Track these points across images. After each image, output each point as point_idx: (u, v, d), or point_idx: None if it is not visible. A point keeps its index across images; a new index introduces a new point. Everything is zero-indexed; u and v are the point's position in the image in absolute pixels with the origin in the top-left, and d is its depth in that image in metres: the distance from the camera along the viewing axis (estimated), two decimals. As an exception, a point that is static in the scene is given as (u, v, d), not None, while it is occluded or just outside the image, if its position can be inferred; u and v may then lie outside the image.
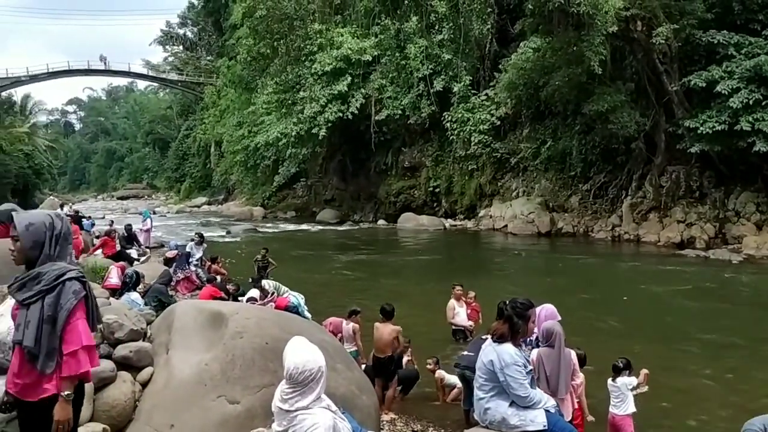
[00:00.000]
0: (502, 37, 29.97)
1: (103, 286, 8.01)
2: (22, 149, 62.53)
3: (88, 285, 3.07)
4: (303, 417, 3.09)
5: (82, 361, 2.92)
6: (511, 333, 4.21)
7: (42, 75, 62.40)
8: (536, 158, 27.87)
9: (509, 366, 4.06)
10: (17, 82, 61.26)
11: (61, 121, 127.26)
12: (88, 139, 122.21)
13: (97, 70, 67.73)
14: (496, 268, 18.29)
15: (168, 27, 75.68)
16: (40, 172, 68.22)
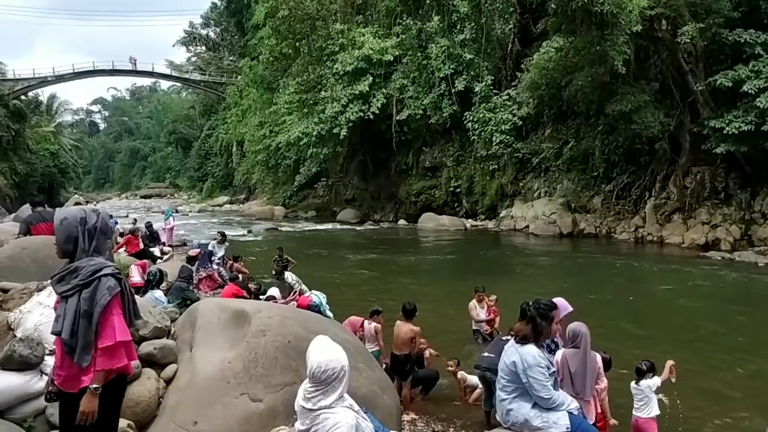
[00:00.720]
0: (524, 37, 29.79)
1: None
2: (48, 148, 63.52)
3: (123, 281, 3.12)
4: (326, 416, 3.09)
5: (116, 356, 2.98)
6: (534, 334, 4.18)
7: (68, 75, 63.21)
8: (558, 158, 27.67)
9: (532, 367, 4.04)
10: (44, 82, 62.08)
11: (86, 120, 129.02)
12: (112, 139, 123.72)
13: (122, 70, 68.49)
14: (517, 269, 18.18)
15: (191, 27, 76.48)
16: (65, 171, 69.19)
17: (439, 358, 7.95)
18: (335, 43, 32.89)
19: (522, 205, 28.60)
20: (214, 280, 13.10)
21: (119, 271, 3.13)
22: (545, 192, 28.35)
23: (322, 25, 32.51)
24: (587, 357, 4.98)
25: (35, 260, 7.16)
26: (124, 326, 3.03)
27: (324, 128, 32.31)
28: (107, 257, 3.19)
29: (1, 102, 50.71)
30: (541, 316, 4.18)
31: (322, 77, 33.50)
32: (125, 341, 3.02)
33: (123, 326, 3.02)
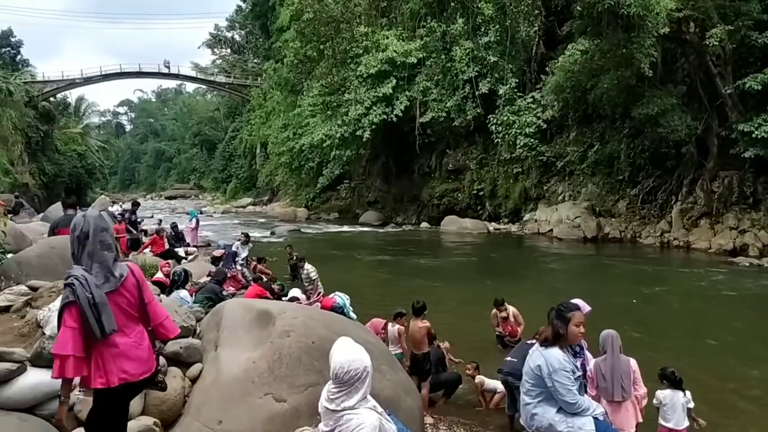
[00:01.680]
0: (549, 40, 29.61)
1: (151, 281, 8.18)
2: (75, 149, 64.55)
3: (80, 291, 3.07)
4: (349, 417, 3.09)
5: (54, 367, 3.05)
6: (553, 336, 4.16)
7: (95, 77, 64.14)
8: (583, 162, 27.44)
9: (557, 371, 4.00)
10: (72, 84, 63.07)
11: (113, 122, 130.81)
12: (138, 140, 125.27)
13: (148, 72, 69.34)
14: (540, 273, 18.04)
15: (216, 30, 77.24)
16: (92, 172, 70.22)
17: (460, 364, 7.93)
18: (359, 45, 32.98)
19: (546, 209, 28.40)
20: (237, 280, 13.19)
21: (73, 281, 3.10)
22: (569, 196, 28.12)
23: (347, 27, 32.61)
24: (615, 361, 4.94)
25: (63, 259, 7.24)
26: (63, 339, 3.04)
27: (347, 130, 32.40)
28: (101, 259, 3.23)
29: (31, 104, 51.63)
30: (558, 317, 4.14)
31: (346, 80, 33.60)
32: (59, 354, 3.01)
33: (62, 339, 3.04)
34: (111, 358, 3.15)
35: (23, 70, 58.95)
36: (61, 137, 61.89)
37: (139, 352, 3.28)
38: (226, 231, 29.65)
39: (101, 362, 3.14)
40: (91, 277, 3.14)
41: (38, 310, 5.74)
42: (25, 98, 49.71)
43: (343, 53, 33.34)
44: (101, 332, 3.09)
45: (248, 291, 10.08)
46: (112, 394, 3.17)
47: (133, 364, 3.22)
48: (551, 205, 28.45)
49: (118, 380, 3.15)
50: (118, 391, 3.18)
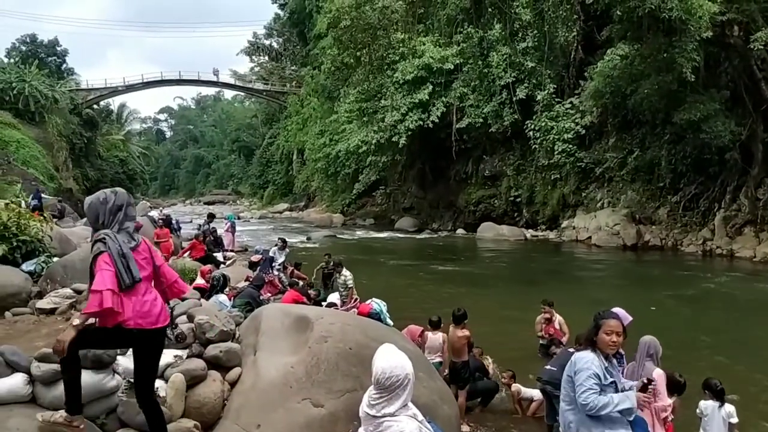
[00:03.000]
0: (587, 44, 29.27)
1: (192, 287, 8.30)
2: (117, 155, 65.94)
3: (111, 244, 3.50)
4: (389, 424, 3.09)
5: (90, 302, 3.37)
6: (584, 340, 4.10)
7: (137, 85, 65.39)
8: (622, 168, 27.01)
9: (579, 371, 3.93)
10: (114, 92, 64.38)
11: (154, 128, 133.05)
12: (178, 146, 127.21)
13: (188, 80, 70.50)
14: (578, 281, 17.79)
15: (255, 38, 78.01)
16: (133, 177, 71.57)
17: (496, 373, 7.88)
18: (396, 52, 33.02)
19: (584, 216, 28.03)
20: (274, 285, 13.28)
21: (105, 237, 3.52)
22: (608, 202, 27.71)
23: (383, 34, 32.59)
24: (638, 368, 4.89)
25: (107, 263, 7.39)
26: (102, 279, 3.37)
27: (383, 136, 32.49)
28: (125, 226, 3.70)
29: (75, 111, 52.89)
30: (593, 323, 4.10)
31: (382, 86, 33.67)
32: (99, 290, 3.33)
33: (101, 279, 3.37)
34: (129, 304, 3.53)
35: (68, 79, 60.34)
36: (103, 143, 63.28)
37: (153, 307, 3.66)
38: (262, 236, 29.94)
39: (121, 307, 3.48)
40: (118, 236, 3.60)
41: (82, 312, 5.87)
42: (69, 106, 50.95)
43: (379, 60, 33.33)
44: (131, 279, 3.52)
45: (285, 296, 10.14)
46: (123, 333, 3.53)
47: (150, 315, 3.61)
48: (590, 212, 28.08)
49: (134, 324, 3.52)
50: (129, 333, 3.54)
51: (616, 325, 3.95)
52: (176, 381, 4.19)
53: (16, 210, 8.20)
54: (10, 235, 7.76)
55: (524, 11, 27.95)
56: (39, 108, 43.00)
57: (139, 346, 3.67)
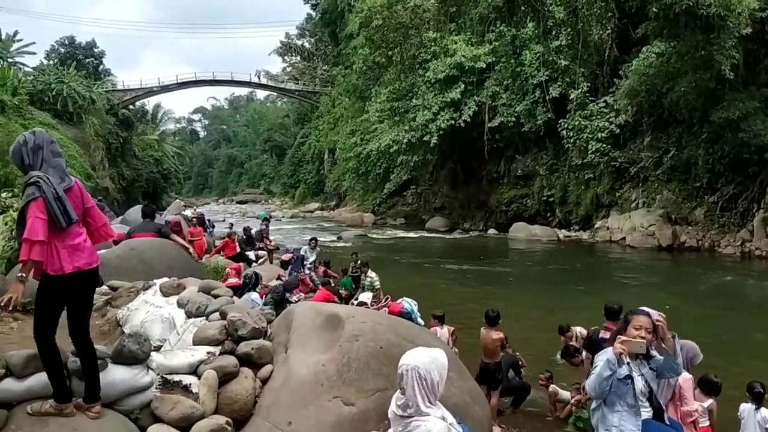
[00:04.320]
0: (622, 42, 28.83)
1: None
2: (152, 155, 67.00)
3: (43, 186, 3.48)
4: (417, 424, 3.08)
5: (23, 250, 3.40)
6: (613, 335, 4.07)
7: (172, 85, 66.33)
8: (658, 168, 26.54)
9: (594, 366, 3.90)
10: (149, 93, 65.41)
11: (187, 129, 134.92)
12: (211, 146, 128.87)
13: (221, 80, 71.32)
14: (612, 282, 17.53)
15: (287, 38, 78.63)
16: (167, 177, 72.71)
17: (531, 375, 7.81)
18: (428, 51, 32.99)
19: (618, 216, 27.63)
20: (306, 284, 13.34)
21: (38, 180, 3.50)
22: (643, 203, 27.27)
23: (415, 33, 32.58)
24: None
25: (142, 261, 7.52)
26: (34, 227, 3.40)
27: (414, 136, 32.46)
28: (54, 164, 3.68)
29: (111, 111, 53.92)
30: (624, 319, 4.06)
31: (414, 85, 33.65)
32: (30, 239, 3.37)
33: (34, 227, 3.40)
34: (65, 249, 3.58)
35: (105, 80, 61.49)
36: (139, 143, 64.34)
37: (87, 246, 3.75)
38: (294, 235, 30.13)
39: (56, 252, 3.55)
40: (51, 177, 3.57)
41: (118, 309, 5.97)
42: (106, 106, 51.96)
43: (411, 59, 33.32)
44: (67, 222, 3.56)
45: (316, 295, 10.18)
46: (63, 280, 3.58)
47: (84, 256, 3.67)
48: (624, 212, 27.67)
49: (72, 268, 3.58)
50: (68, 278, 3.59)
51: (645, 322, 3.89)
52: (209, 377, 4.22)
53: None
54: (48, 233, 7.90)
55: (558, 9, 27.64)
56: (77, 109, 43.90)
57: (76, 289, 3.73)
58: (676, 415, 4.85)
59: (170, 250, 8.13)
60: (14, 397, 3.65)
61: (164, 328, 5.28)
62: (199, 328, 4.86)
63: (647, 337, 3.84)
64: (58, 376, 3.67)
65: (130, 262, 7.45)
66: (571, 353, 7.19)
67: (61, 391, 3.67)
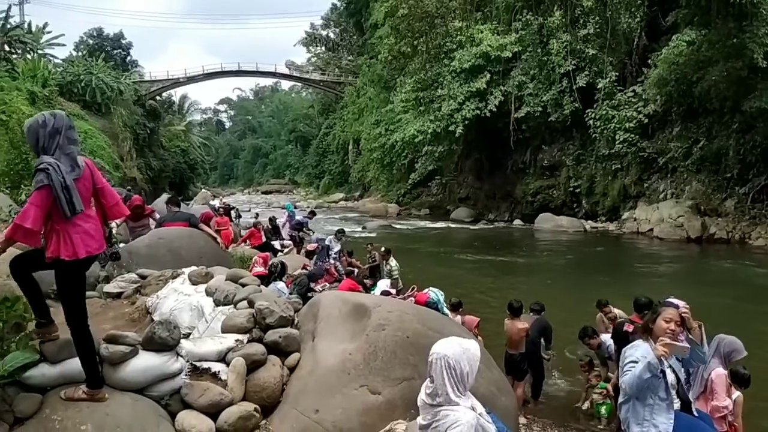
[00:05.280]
0: (652, 31, 28.37)
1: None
2: (179, 145, 67.50)
3: (52, 175, 3.53)
4: (446, 413, 3.07)
5: (9, 229, 3.57)
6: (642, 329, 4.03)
7: (198, 76, 66.69)
8: (687, 158, 26.10)
9: (624, 359, 3.87)
10: (176, 84, 65.83)
11: (213, 119, 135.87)
12: (237, 137, 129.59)
13: (247, 71, 71.58)
14: (639, 274, 17.29)
15: (312, 29, 78.69)
16: (194, 167, 73.22)
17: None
18: (453, 40, 32.80)
19: (646, 207, 27.26)
20: (331, 274, 13.42)
21: (48, 167, 3.53)
22: (672, 194, 26.86)
23: (441, 22, 32.47)
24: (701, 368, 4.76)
25: (170, 250, 7.60)
26: (27, 213, 3.50)
27: (440, 126, 32.31)
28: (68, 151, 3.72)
29: (139, 102, 54.41)
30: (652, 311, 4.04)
31: (439, 75, 33.49)
32: (19, 224, 3.49)
33: (26, 212, 3.51)
34: (77, 235, 3.66)
35: (132, 71, 62.08)
36: (165, 134, 64.84)
37: (97, 232, 3.82)
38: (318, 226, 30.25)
39: (69, 238, 3.63)
40: (61, 165, 3.60)
41: (147, 297, 6.04)
42: (133, 97, 52.43)
43: (437, 48, 33.22)
44: (71, 212, 3.60)
45: (342, 284, 10.23)
46: (77, 265, 3.69)
47: (94, 241, 3.76)
48: (652, 203, 27.29)
49: (84, 253, 3.67)
50: (82, 262, 3.71)
51: (674, 314, 3.86)
52: (237, 365, 4.26)
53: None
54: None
55: (586, -3, 27.34)
56: (105, 99, 44.36)
57: (83, 271, 3.85)
58: (706, 408, 4.81)
59: (199, 239, 8.20)
60: (48, 382, 3.72)
61: (193, 315, 5.34)
62: (227, 316, 4.91)
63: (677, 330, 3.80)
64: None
65: (159, 251, 7.54)
66: (588, 334, 7.13)
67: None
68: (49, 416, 3.55)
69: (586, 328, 7.22)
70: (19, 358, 3.53)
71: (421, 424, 3.24)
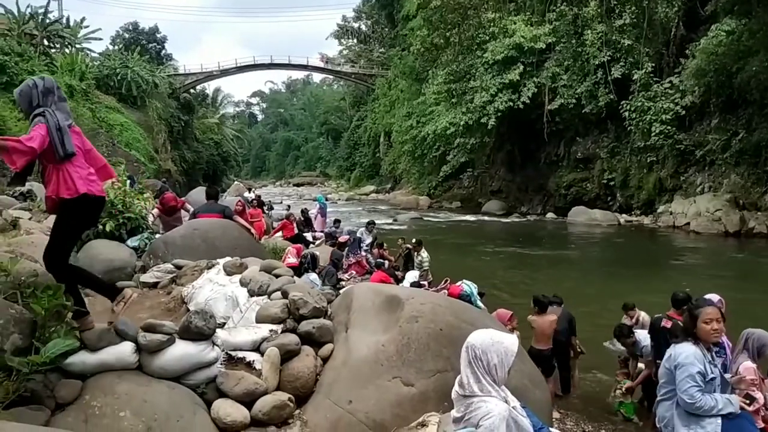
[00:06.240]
0: (690, 20, 27.76)
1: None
2: (212, 138, 68.25)
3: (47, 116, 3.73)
4: (479, 405, 3.07)
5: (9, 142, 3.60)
6: (682, 333, 3.98)
7: (231, 69, 67.22)
8: (725, 151, 25.50)
9: (680, 366, 3.80)
10: (210, 77, 66.49)
11: (246, 112, 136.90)
12: (269, 129, 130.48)
13: (279, 64, 71.90)
14: (676, 270, 16.97)
15: (344, 21, 78.80)
16: (227, 159, 73.96)
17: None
18: (486, 31, 32.53)
19: (683, 201, 26.73)
20: (362, 266, 13.47)
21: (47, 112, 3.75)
22: (709, 187, 26.29)
23: (474, 14, 32.21)
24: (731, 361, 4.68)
25: (205, 240, 7.69)
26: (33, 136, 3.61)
27: (472, 118, 32.12)
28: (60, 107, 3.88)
29: (173, 95, 55.12)
30: (689, 315, 3.97)
31: (472, 66, 33.26)
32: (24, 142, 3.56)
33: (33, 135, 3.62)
34: (77, 174, 3.82)
35: (167, 64, 62.84)
36: (199, 126, 65.60)
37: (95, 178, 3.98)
38: (349, 218, 30.34)
39: (69, 178, 3.80)
40: (57, 113, 3.81)
41: (183, 287, 6.13)
42: (168, 90, 53.10)
43: (469, 40, 32.99)
44: (64, 152, 3.75)
45: (373, 276, 10.27)
46: (79, 203, 3.82)
47: (96, 184, 3.95)
48: (689, 196, 26.75)
49: (86, 189, 3.81)
50: (83, 201, 3.83)
51: (714, 313, 3.79)
52: (271, 354, 4.30)
53: (122, 188, 8.63)
54: (116, 213, 8.18)
55: (622, -14, 26.86)
56: (140, 93, 45.01)
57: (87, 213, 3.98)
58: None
59: (233, 230, 8.28)
60: (88, 369, 3.79)
61: (228, 305, 5.40)
62: (261, 307, 4.95)
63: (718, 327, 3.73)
64: (76, 293, 3.92)
65: (194, 242, 7.63)
66: (625, 333, 7.03)
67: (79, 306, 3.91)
68: (89, 402, 3.62)
69: (623, 327, 7.12)
70: (60, 345, 3.59)
71: (455, 416, 3.24)
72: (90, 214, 4.04)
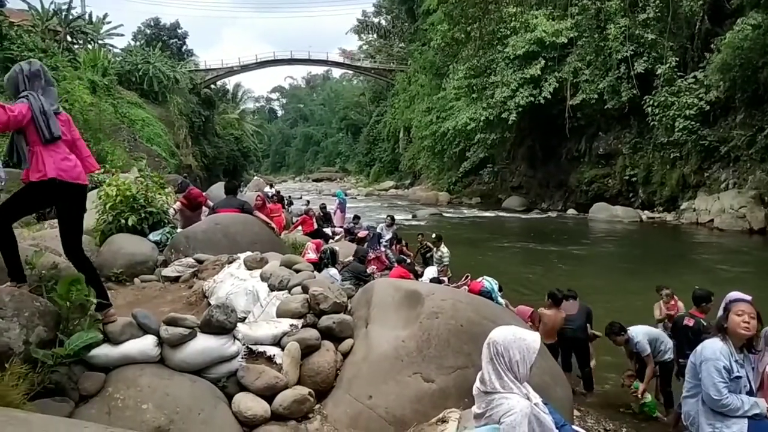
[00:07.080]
0: (715, 14, 27.32)
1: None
2: (232, 133, 68.67)
3: (31, 100, 3.71)
4: (500, 401, 3.05)
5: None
6: (715, 328, 3.92)
7: (251, 65, 67.62)
8: (751, 147, 25.09)
9: (706, 361, 3.75)
10: (230, 72, 66.95)
11: (266, 107, 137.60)
12: (289, 125, 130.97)
13: (299, 59, 72.16)
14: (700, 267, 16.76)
15: (364, 16, 78.77)
16: (247, 155, 74.39)
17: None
18: (507, 26, 32.28)
19: (706, 197, 26.39)
20: (382, 261, 13.46)
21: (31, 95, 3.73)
22: (734, 183, 25.91)
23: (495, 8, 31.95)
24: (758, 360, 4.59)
25: (226, 235, 7.73)
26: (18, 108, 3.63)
27: (492, 113, 32.00)
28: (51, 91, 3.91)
29: (194, 91, 55.52)
30: (723, 309, 3.91)
31: (493, 61, 33.09)
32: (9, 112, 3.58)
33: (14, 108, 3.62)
34: (50, 158, 3.76)
35: (188, 60, 63.31)
36: (220, 122, 66.02)
37: (76, 166, 3.91)
38: (369, 213, 30.36)
39: (41, 160, 3.75)
40: (42, 98, 3.78)
41: (204, 281, 6.17)
42: (189, 86, 53.52)
43: (490, 35, 32.75)
44: (50, 135, 3.74)
45: (392, 272, 10.25)
46: (45, 187, 3.77)
47: (70, 168, 3.86)
48: (712, 193, 26.39)
49: (54, 173, 3.75)
50: (51, 185, 3.77)
51: (747, 308, 3.73)
52: (292, 349, 4.30)
53: (144, 183, 8.70)
54: (138, 207, 8.24)
55: (646, -20, 26.50)
56: (162, 88, 45.41)
57: (61, 200, 3.90)
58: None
59: (253, 225, 8.32)
60: (111, 362, 3.82)
61: (248, 300, 5.42)
62: (282, 301, 4.96)
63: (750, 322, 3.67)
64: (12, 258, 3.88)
65: (215, 236, 7.68)
66: (615, 331, 6.95)
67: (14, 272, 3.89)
68: (111, 395, 3.65)
69: (613, 325, 7.04)
70: (84, 337, 3.63)
71: (476, 413, 3.22)
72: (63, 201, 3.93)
